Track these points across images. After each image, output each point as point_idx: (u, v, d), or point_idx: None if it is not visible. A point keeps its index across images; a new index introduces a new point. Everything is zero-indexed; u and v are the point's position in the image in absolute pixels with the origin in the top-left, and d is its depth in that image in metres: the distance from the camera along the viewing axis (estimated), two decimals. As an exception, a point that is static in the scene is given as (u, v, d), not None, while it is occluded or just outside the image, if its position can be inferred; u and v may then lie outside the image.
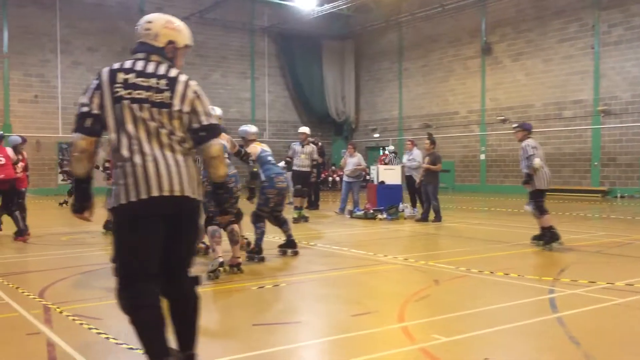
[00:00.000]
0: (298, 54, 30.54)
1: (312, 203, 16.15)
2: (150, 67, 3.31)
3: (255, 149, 8.05)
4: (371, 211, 13.82)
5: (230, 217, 3.62)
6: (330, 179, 28.71)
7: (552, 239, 8.76)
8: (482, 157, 25.80)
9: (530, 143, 8.93)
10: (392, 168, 15.82)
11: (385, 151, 18.70)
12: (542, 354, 4.19)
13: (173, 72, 3.34)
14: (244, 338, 4.57)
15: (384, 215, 13.58)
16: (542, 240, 8.90)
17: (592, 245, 9.21)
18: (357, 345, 4.38)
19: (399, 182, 15.11)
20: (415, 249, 9.76)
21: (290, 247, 8.38)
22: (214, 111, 8.07)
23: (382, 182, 14.96)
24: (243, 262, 7.34)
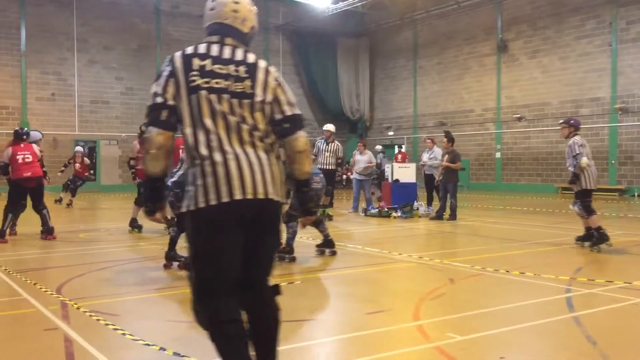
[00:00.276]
0: (312, 51, 30.55)
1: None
2: (227, 52, 2.94)
3: None
4: (385, 209, 13.79)
5: (314, 217, 3.20)
6: (345, 177, 28.67)
7: (601, 240, 8.37)
8: (498, 155, 25.64)
9: (577, 140, 8.53)
10: (406, 166, 15.77)
11: (401, 149, 18.71)
12: (558, 353, 4.17)
13: (251, 58, 2.98)
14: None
15: (398, 213, 13.55)
16: (588, 241, 8.58)
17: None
18: (372, 343, 4.38)
19: (413, 180, 15.07)
20: (430, 247, 9.73)
21: (328, 246, 8.31)
22: None
23: (397, 180, 14.93)
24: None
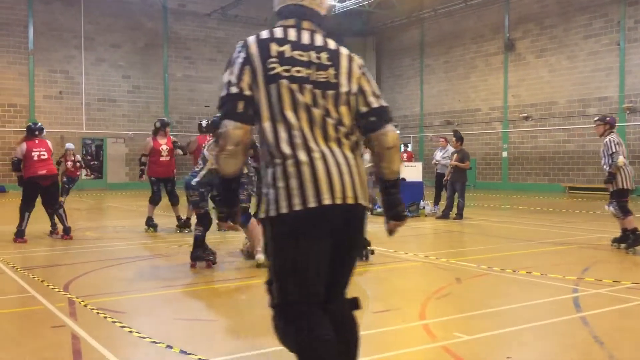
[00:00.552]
0: (319, 50, 30.52)
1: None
2: (305, 37, 2.63)
3: None
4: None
5: (405, 223, 3.03)
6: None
7: (637, 242, 8.17)
8: (504, 154, 25.57)
9: (613, 138, 8.27)
10: (413, 165, 15.75)
11: (407, 148, 18.69)
12: (565, 353, 4.15)
13: (332, 44, 2.68)
14: (267, 334, 4.57)
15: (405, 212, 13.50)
16: (624, 242, 8.37)
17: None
18: (379, 342, 4.37)
19: (420, 179, 15.05)
20: (437, 247, 9.72)
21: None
22: None
23: (403, 179, 14.89)
24: None
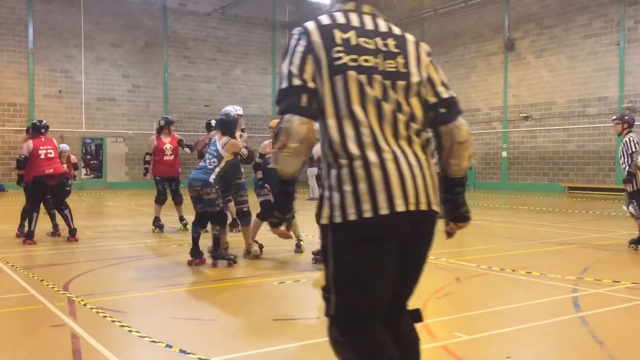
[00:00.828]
0: (319, 50, 30.55)
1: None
2: (369, 22, 2.37)
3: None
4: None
5: (468, 224, 2.74)
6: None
7: None
8: (504, 154, 25.57)
9: (633, 138, 8.15)
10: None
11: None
12: (565, 353, 4.15)
13: (397, 29, 2.44)
14: (265, 333, 4.59)
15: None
16: None
17: (616, 244, 9.06)
18: (378, 341, 4.37)
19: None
20: (436, 246, 9.62)
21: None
22: (235, 110, 8.08)
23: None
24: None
